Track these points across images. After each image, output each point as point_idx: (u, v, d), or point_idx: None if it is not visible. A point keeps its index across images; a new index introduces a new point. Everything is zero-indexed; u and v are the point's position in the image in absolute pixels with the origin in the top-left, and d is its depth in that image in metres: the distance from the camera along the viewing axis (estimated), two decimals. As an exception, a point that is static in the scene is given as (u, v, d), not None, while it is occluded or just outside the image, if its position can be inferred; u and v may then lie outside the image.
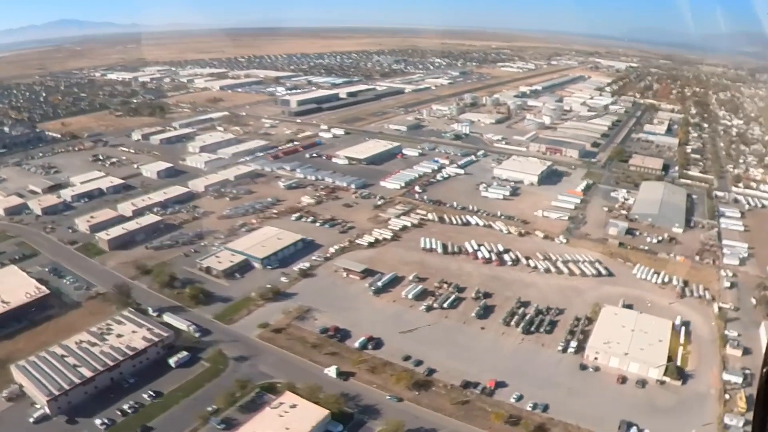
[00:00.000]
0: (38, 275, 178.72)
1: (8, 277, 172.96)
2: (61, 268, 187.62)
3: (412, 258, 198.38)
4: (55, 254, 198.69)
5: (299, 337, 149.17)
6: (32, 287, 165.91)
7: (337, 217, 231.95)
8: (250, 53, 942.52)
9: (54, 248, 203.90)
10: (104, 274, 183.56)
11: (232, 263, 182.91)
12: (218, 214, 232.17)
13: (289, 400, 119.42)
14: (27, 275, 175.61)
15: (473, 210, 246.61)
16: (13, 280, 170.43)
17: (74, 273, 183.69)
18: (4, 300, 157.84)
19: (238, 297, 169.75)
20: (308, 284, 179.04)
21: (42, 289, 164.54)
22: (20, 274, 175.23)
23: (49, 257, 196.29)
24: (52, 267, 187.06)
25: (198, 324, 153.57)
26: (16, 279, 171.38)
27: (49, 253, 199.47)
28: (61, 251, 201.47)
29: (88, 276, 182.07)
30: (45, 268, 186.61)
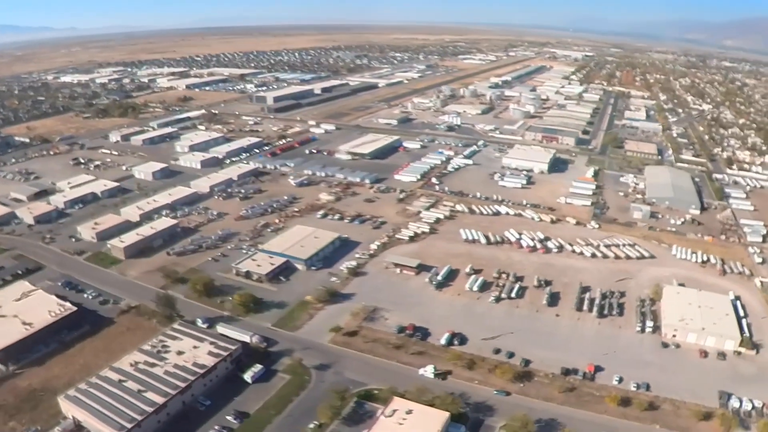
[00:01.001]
0: (51, 291, 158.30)
1: (22, 295, 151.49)
2: (76, 281, 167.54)
3: (457, 250, 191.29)
4: (62, 266, 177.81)
5: (376, 338, 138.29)
6: (54, 305, 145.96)
7: (363, 212, 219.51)
8: (204, 52, 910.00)
9: (60, 260, 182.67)
10: (128, 286, 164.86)
11: (273, 266, 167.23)
12: (234, 215, 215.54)
13: (401, 406, 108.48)
14: (43, 291, 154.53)
15: (498, 199, 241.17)
16: (29, 298, 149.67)
17: (93, 286, 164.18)
18: (26, 321, 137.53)
19: (292, 301, 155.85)
20: (362, 283, 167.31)
21: (67, 306, 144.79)
22: (36, 292, 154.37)
23: (57, 270, 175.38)
24: (64, 281, 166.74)
25: (260, 334, 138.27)
26: (32, 297, 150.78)
27: (55, 266, 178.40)
28: (69, 263, 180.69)
29: (110, 288, 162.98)
30: (57, 282, 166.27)
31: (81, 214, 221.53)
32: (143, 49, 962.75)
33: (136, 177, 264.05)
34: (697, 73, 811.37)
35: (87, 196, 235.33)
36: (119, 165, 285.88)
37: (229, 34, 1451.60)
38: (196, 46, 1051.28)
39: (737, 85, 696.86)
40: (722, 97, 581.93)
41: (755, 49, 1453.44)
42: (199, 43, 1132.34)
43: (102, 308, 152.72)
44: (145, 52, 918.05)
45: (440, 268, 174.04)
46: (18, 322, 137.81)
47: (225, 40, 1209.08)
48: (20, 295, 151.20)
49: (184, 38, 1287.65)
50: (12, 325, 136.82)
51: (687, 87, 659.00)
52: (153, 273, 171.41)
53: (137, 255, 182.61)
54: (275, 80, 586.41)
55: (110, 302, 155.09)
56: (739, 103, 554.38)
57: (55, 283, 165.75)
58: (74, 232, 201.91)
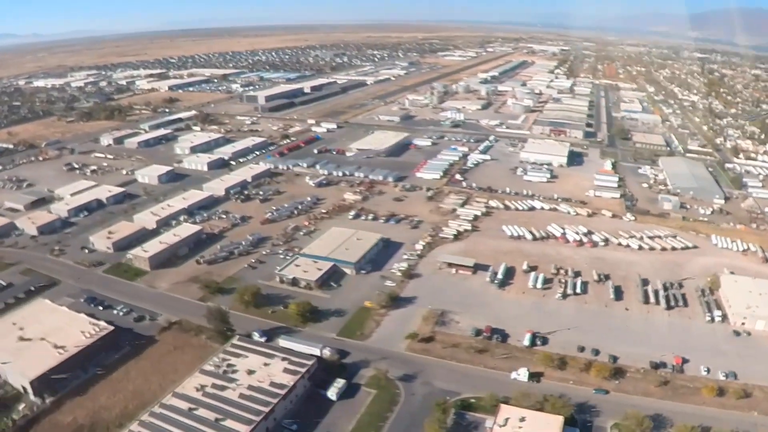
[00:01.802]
0: (74, 308, 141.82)
1: (46, 314, 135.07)
2: (100, 296, 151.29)
3: (504, 247, 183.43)
4: (80, 280, 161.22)
5: (454, 343, 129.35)
6: (86, 324, 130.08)
7: (395, 212, 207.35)
8: (176, 54, 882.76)
9: (75, 273, 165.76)
10: (161, 299, 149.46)
11: (321, 271, 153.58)
12: (260, 219, 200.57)
13: (511, 413, 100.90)
14: (69, 310, 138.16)
15: (529, 194, 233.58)
16: (55, 317, 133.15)
17: (121, 301, 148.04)
18: (59, 345, 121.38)
19: (349, 308, 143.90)
20: (419, 285, 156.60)
21: (102, 325, 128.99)
22: (60, 310, 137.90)
23: (74, 285, 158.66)
24: (87, 296, 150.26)
25: (329, 346, 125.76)
26: (58, 316, 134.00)
27: (72, 280, 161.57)
28: (87, 276, 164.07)
29: (141, 303, 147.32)
30: (78, 298, 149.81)
31: (87, 222, 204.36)
32: (113, 53, 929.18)
33: (140, 181, 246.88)
34: (674, 65, 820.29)
35: (91, 203, 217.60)
36: (117, 169, 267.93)
37: (197, 36, 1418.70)
38: (166, 48, 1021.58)
39: (716, 75, 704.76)
40: (707, 88, 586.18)
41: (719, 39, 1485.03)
42: (169, 46, 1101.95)
43: (138, 326, 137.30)
44: (115, 55, 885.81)
45: (496, 266, 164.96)
46: (48, 346, 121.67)
47: (195, 42, 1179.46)
48: (43, 315, 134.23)
49: (152, 41, 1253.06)
50: (42, 349, 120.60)
51: (670, 78, 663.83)
52: (186, 284, 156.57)
53: (163, 265, 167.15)
54: (260, 80, 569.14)
55: (146, 318, 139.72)
56: (725, 94, 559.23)
57: (77, 300, 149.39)
58: (85, 242, 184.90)
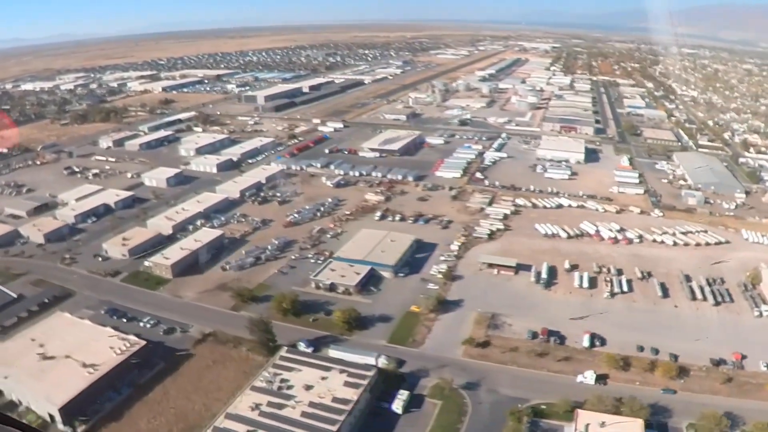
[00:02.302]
0: (95, 321, 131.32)
1: (67, 328, 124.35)
2: (121, 307, 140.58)
3: (541, 246, 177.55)
4: (97, 290, 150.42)
5: (512, 347, 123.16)
6: (114, 339, 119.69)
7: (422, 212, 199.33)
8: (164, 55, 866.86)
9: (91, 283, 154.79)
10: (189, 309, 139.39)
11: (359, 275, 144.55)
12: (282, 221, 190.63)
13: (590, 419, 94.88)
14: (92, 323, 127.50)
15: (554, 192, 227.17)
16: (78, 332, 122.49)
17: (145, 312, 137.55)
18: (88, 363, 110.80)
19: (395, 313, 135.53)
20: (463, 288, 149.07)
21: (133, 340, 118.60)
22: (83, 324, 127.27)
23: (92, 295, 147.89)
24: (108, 308, 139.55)
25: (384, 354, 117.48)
26: (81, 330, 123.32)
27: (88, 290, 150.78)
28: (103, 286, 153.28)
29: (167, 314, 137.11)
30: (99, 310, 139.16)
31: (96, 228, 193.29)
32: (99, 56, 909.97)
33: (148, 184, 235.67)
34: (666, 61, 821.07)
35: (98, 208, 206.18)
36: (121, 172, 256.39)
37: (183, 37, 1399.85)
38: (153, 50, 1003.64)
39: (710, 71, 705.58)
40: (704, 84, 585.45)
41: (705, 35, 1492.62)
42: (155, 48, 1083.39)
43: (169, 339, 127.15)
44: (101, 58, 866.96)
45: (537, 266, 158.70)
46: (76, 365, 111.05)
47: (182, 44, 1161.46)
48: (64, 330, 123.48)
49: (137, 43, 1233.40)
50: (69, 369, 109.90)
51: (665, 74, 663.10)
52: (214, 292, 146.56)
53: (186, 272, 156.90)
54: (255, 80, 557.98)
55: (176, 331, 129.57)
56: (722, 89, 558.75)
57: (97, 312, 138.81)
58: (97, 249, 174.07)
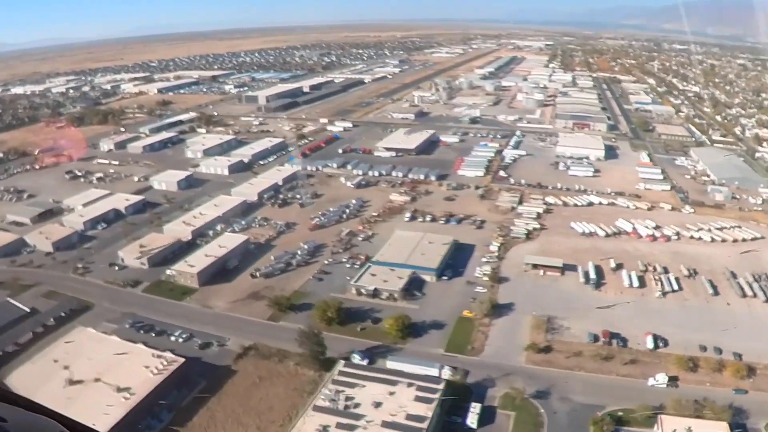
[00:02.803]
0: (122, 335, 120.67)
1: (93, 346, 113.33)
2: (147, 320, 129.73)
3: (580, 245, 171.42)
4: (117, 302, 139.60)
5: (575, 351, 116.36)
6: (148, 356, 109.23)
7: (452, 212, 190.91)
8: (155, 57, 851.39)
9: (109, 294, 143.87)
10: (223, 321, 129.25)
11: (401, 279, 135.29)
12: (308, 225, 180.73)
13: (675, 424, 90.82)
14: (120, 339, 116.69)
15: (582, 189, 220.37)
16: (105, 350, 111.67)
17: (175, 325, 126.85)
18: (122, 386, 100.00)
19: (446, 319, 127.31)
20: (511, 290, 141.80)
21: (170, 357, 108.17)
22: (110, 340, 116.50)
23: (112, 307, 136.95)
24: (132, 321, 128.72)
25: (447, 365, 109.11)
26: (109, 348, 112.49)
27: (107, 302, 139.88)
28: (124, 297, 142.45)
29: (199, 326, 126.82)
30: (123, 323, 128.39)
31: (108, 235, 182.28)
32: (87, 59, 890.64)
33: (157, 188, 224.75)
34: (661, 56, 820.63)
35: (108, 213, 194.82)
36: (127, 176, 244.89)
37: (171, 40, 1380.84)
38: (142, 53, 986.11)
39: (707, 66, 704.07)
40: (703, 79, 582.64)
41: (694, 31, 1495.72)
42: (144, 50, 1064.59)
43: (206, 354, 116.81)
44: (90, 61, 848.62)
45: (582, 266, 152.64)
46: (108, 390, 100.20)
47: (171, 46, 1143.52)
48: (89, 348, 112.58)
49: (125, 46, 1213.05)
50: (101, 395, 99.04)
51: (664, 70, 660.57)
52: (246, 301, 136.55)
53: (213, 280, 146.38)
54: (252, 80, 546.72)
55: (213, 345, 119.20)
56: (722, 84, 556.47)
57: (120, 326, 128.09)
58: (112, 257, 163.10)
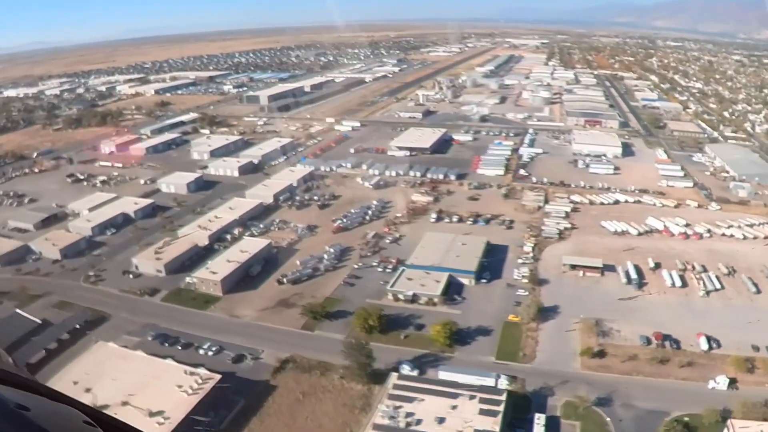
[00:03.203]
0: (145, 349, 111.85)
1: (116, 364, 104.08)
2: (171, 332, 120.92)
3: (614, 244, 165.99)
4: (135, 313, 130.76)
5: (630, 355, 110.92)
6: (180, 374, 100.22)
7: (478, 212, 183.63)
8: (147, 59, 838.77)
9: (126, 304, 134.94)
10: (253, 331, 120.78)
11: (439, 283, 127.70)
12: (328, 227, 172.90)
13: (747, 428, 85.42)
14: (145, 354, 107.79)
15: (605, 187, 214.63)
16: (131, 368, 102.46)
17: (201, 337, 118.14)
18: (154, 410, 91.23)
19: (492, 324, 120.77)
20: (553, 292, 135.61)
21: (205, 375, 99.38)
22: (135, 356, 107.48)
23: (130, 318, 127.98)
24: (155, 333, 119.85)
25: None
26: (135, 366, 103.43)
27: (125, 313, 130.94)
28: (142, 307, 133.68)
29: (228, 338, 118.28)
30: (145, 336, 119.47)
31: (118, 241, 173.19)
32: (79, 61, 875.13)
33: (165, 191, 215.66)
34: (658, 53, 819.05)
35: (117, 218, 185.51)
36: (132, 178, 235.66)
37: (162, 42, 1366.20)
38: (134, 54, 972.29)
39: (705, 62, 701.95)
40: (704, 75, 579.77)
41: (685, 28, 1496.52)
42: (135, 52, 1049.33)
43: (240, 368, 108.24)
44: (82, 63, 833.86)
45: (621, 265, 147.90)
46: (139, 415, 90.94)
47: (162, 48, 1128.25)
48: (112, 366, 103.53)
49: (115, 49, 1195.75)
50: (131, 420, 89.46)
51: (663, 66, 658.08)
52: (276, 309, 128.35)
53: (237, 288, 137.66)
54: (250, 80, 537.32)
55: (246, 358, 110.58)
56: (723, 80, 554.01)
57: (143, 338, 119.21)
58: (125, 265, 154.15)
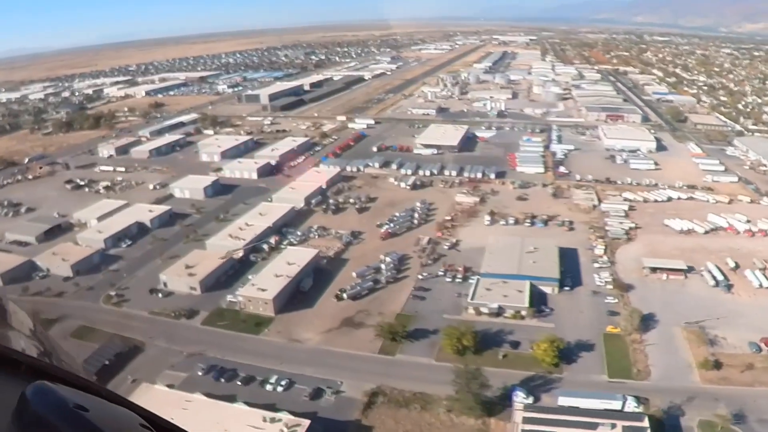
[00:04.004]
0: (198, 386, 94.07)
1: (171, 411, 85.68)
2: (224, 363, 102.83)
3: (684, 243, 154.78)
4: (174, 340, 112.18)
5: (746, 364, 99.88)
6: (257, 421, 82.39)
7: (532, 212, 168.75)
8: (131, 62, 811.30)
9: (161, 330, 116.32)
10: (323, 358, 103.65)
11: (522, 293, 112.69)
12: (374, 233, 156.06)
13: None
14: (207, 398, 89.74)
15: (651, 183, 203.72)
16: (194, 418, 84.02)
17: (262, 367, 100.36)
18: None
19: (591, 338, 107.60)
20: (642, 298, 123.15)
21: (289, 421, 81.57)
22: (197, 402, 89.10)
23: (170, 348, 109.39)
24: (205, 366, 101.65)
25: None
26: (198, 414, 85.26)
27: (162, 341, 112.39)
28: (182, 333, 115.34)
29: (296, 367, 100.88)
30: (194, 370, 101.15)
31: (136, 254, 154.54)
32: (60, 66, 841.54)
33: (179, 196, 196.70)
34: (650, 48, 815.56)
35: (131, 228, 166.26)
36: (138, 183, 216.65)
37: (142, 46, 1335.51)
38: (116, 58, 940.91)
39: (699, 57, 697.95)
40: (704, 69, 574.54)
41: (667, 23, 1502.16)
42: (118, 56, 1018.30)
43: (320, 406, 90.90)
44: (64, 68, 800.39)
45: (699, 266, 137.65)
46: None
47: (144, 52, 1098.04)
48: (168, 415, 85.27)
49: (96, 53, 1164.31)
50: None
51: (661, 61, 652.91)
52: (342, 331, 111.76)
53: (290, 306, 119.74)
54: (244, 80, 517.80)
55: (325, 392, 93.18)
56: (724, 73, 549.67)
57: (192, 373, 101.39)
58: (150, 282, 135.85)
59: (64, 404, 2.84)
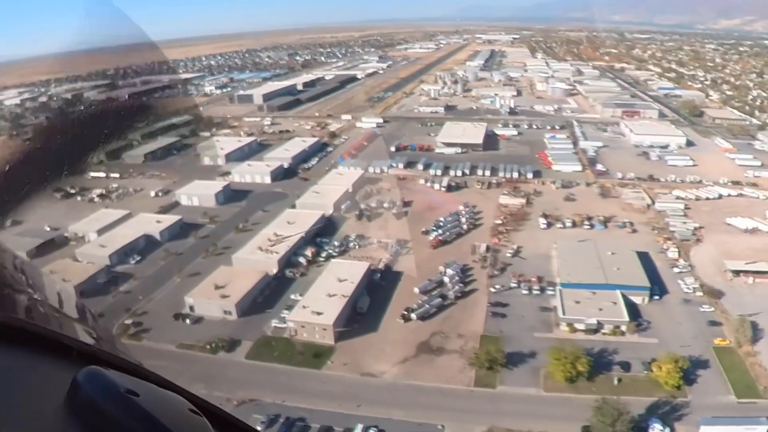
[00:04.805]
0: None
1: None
2: (289, 412, 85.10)
3: (757, 244, 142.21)
4: (216, 383, 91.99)
5: None
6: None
7: (586, 213, 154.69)
8: (108, 67, 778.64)
9: (197, 369, 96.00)
10: (407, 396, 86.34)
11: (616, 305, 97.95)
12: (422, 241, 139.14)
13: None
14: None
15: (697, 180, 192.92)
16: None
17: (338, 415, 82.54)
18: None
19: (702, 353, 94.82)
20: (737, 305, 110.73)
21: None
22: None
23: (213, 394, 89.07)
24: (268, 417, 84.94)
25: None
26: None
27: (201, 384, 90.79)
28: (224, 372, 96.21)
29: (380, 410, 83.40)
30: (255, 423, 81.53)
31: (148, 271, 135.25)
32: (34, 72, 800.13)
33: (185, 204, 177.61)
34: (637, 45, 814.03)
35: (138, 241, 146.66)
36: (137, 190, 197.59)
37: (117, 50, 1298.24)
38: (90, 63, 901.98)
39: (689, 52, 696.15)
40: (698, 64, 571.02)
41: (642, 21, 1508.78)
42: (92, 61, 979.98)
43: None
44: (38, 74, 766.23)
45: None
46: None
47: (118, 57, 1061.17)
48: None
49: (69, 60, 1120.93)
50: None
51: (652, 56, 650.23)
52: (422, 359, 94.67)
53: (349, 332, 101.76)
54: (230, 81, 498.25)
55: (422, 445, 75.13)
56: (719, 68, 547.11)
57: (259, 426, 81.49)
58: (174, 306, 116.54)
59: (115, 389, 2.90)
